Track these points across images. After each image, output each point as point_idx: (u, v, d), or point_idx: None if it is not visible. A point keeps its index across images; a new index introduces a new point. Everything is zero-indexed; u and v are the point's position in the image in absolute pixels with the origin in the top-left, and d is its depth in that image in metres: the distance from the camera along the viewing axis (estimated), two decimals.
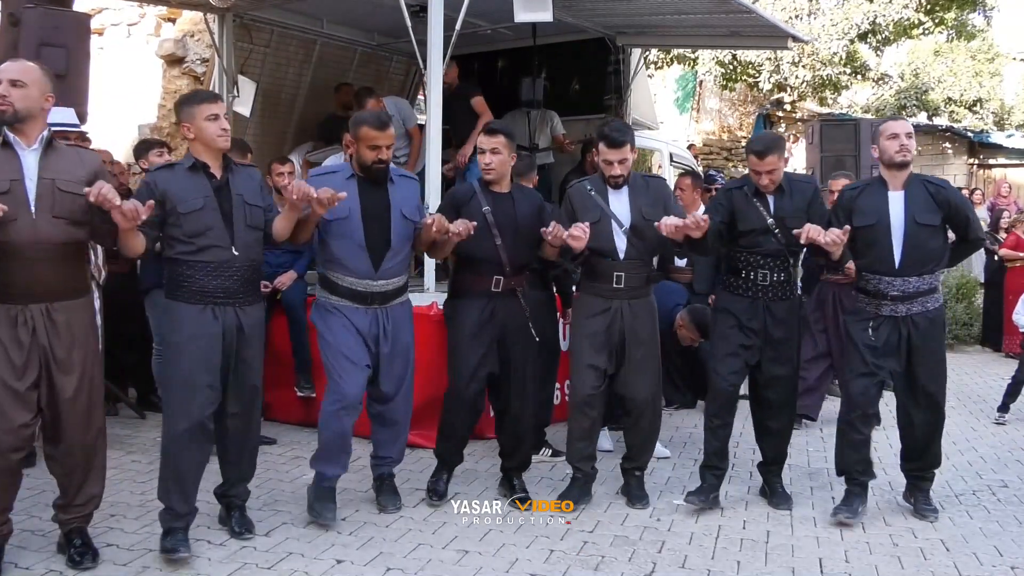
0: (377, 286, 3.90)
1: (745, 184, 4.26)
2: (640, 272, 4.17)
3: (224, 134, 3.52)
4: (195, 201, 3.43)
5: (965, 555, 3.81)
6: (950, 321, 9.91)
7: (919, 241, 3.98)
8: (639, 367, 4.17)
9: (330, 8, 7.49)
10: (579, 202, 4.18)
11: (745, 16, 6.97)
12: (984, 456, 5.50)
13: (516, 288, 4.20)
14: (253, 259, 3.60)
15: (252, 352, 3.63)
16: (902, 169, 4.06)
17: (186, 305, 3.46)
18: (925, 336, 4.09)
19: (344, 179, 3.90)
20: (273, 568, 3.46)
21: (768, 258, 4.15)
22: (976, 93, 17.47)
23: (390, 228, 3.92)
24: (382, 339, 3.94)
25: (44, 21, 5.31)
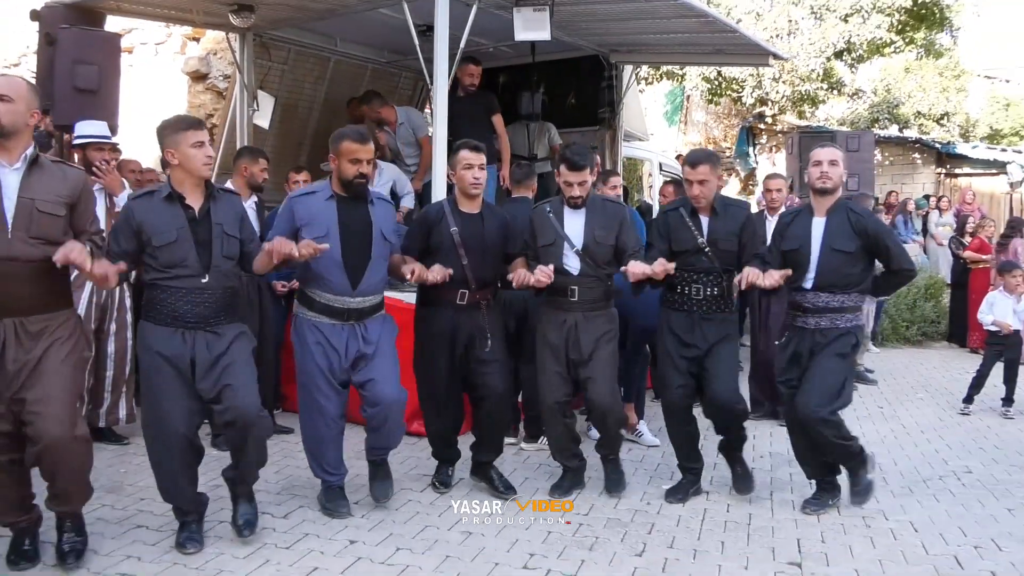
0: (354, 303, 3.76)
1: (681, 206, 4.22)
2: (595, 287, 4.11)
3: (209, 161, 3.35)
4: (168, 234, 3.24)
5: (932, 536, 3.82)
6: (919, 319, 9.93)
7: (833, 266, 3.92)
8: (596, 373, 4.09)
9: (343, 28, 7.50)
10: (538, 224, 4.15)
11: (729, 35, 6.98)
12: (950, 444, 5.51)
13: (481, 301, 4.08)
14: (228, 286, 3.40)
15: (235, 371, 3.35)
16: (823, 195, 3.99)
17: (157, 327, 3.29)
18: (827, 348, 3.94)
19: (324, 199, 3.76)
20: (291, 548, 3.48)
21: (701, 274, 4.10)
22: (943, 107, 17.47)
23: (371, 246, 3.77)
24: (362, 344, 3.78)
25: (78, 41, 5.33)
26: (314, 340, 3.75)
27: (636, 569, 3.37)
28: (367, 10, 6.43)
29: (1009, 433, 5.85)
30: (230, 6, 6.24)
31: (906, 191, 14.45)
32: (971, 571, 3.44)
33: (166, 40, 9.97)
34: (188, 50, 9.85)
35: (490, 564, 3.37)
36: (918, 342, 9.90)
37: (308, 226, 3.68)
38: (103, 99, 5.33)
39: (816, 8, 15.08)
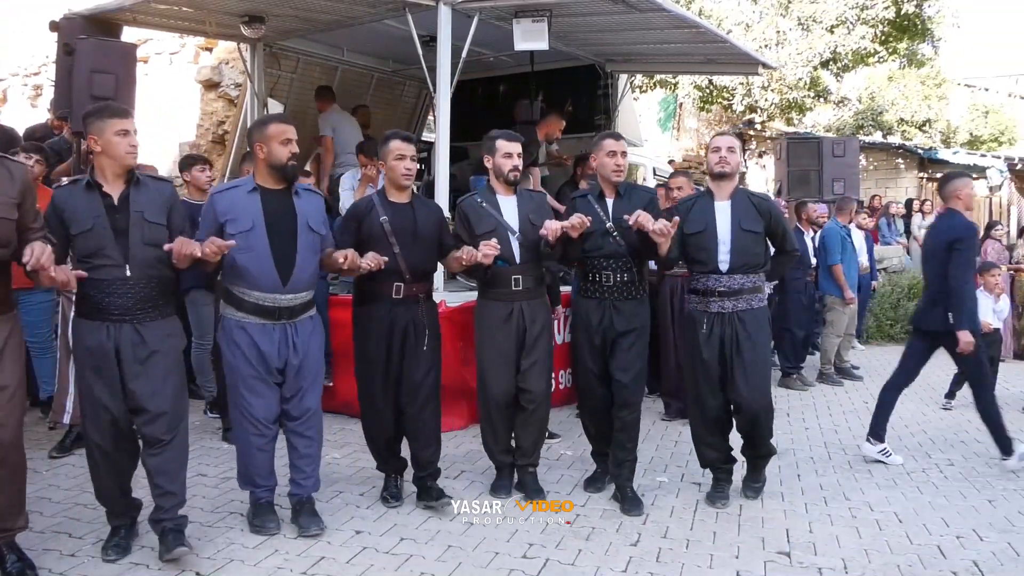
0: (285, 300, 3.41)
1: (589, 192, 4.10)
2: (533, 274, 4.00)
3: (132, 150, 3.11)
4: (85, 222, 3.03)
5: (916, 526, 3.80)
6: (903, 318, 9.91)
7: (744, 246, 3.87)
8: (537, 361, 3.97)
9: (350, 38, 7.49)
10: (472, 214, 3.98)
11: (720, 46, 6.97)
12: (933, 438, 5.49)
13: (419, 294, 3.82)
14: (153, 276, 3.13)
15: (159, 363, 3.13)
16: (722, 179, 3.94)
17: (86, 321, 3.10)
18: (750, 331, 3.88)
19: (246, 192, 3.44)
20: (299, 539, 3.45)
21: (611, 259, 3.94)
22: (925, 114, 17.46)
23: (296, 239, 3.44)
24: (291, 354, 3.45)
25: (95, 51, 5.32)
26: (244, 343, 3.40)
27: (631, 558, 3.35)
28: (373, 21, 6.42)
29: None
30: (242, 17, 6.23)
31: (889, 195, 14.44)
32: (954, 560, 3.42)
33: (180, 50, 9.96)
34: (201, 60, 9.84)
35: (490, 554, 3.35)
36: (902, 340, 9.84)
37: (232, 220, 3.35)
38: None
39: (803, 19, 15.07)
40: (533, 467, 4.11)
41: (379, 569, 3.19)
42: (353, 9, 6.20)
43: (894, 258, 11.49)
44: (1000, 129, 20.36)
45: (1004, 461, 4.72)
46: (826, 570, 3.30)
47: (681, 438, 5.17)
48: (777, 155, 8.83)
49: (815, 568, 3.32)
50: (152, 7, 5.90)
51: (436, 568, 3.21)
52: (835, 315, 7.42)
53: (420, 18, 5.62)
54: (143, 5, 5.77)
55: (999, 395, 6.32)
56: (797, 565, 3.34)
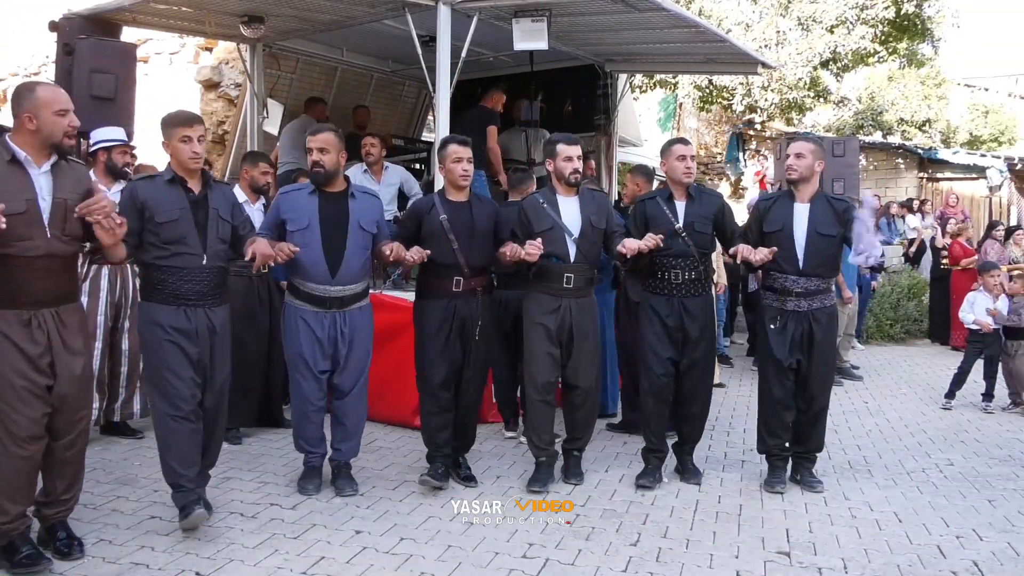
0: (334, 291, 3.84)
1: (657, 195, 4.30)
2: (585, 274, 4.12)
3: (196, 157, 3.42)
4: (172, 212, 3.35)
5: (916, 526, 3.80)
6: (903, 317, 9.92)
7: (817, 248, 4.09)
8: (585, 358, 4.12)
9: (349, 39, 7.49)
10: (532, 213, 4.10)
11: (720, 45, 6.97)
12: (932, 438, 5.49)
13: (476, 288, 4.11)
14: (221, 266, 3.51)
15: (222, 350, 3.52)
16: (795, 184, 4.16)
17: (161, 306, 3.36)
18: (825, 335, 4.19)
19: (308, 194, 3.89)
20: (299, 538, 3.46)
21: (679, 259, 4.14)
22: (925, 114, 17.46)
23: (347, 237, 3.85)
24: (339, 342, 3.89)
25: (95, 50, 5.32)
26: (299, 326, 3.86)
27: (631, 558, 3.35)
28: (372, 21, 6.42)
29: (989, 427, 5.83)
30: (241, 18, 6.23)
31: (889, 195, 14.44)
32: (953, 560, 3.43)
33: (180, 50, 9.96)
34: (201, 60, 9.84)
35: (491, 554, 3.35)
36: (901, 339, 9.89)
37: (292, 219, 3.82)
38: (119, 107, 5.31)
39: (803, 19, 15.06)
40: (579, 451, 4.30)
41: (379, 569, 3.19)
42: (352, 9, 6.20)
43: (894, 258, 11.49)
44: (1000, 129, 20.36)
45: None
46: (826, 570, 3.30)
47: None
48: (777, 155, 8.83)
49: (815, 568, 3.32)
50: (152, 7, 5.90)
51: (436, 568, 3.21)
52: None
53: (419, 18, 5.62)
54: (143, 5, 5.78)
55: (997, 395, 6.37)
56: (797, 565, 3.35)
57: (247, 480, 4.15)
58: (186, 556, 3.23)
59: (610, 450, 4.45)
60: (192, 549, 3.30)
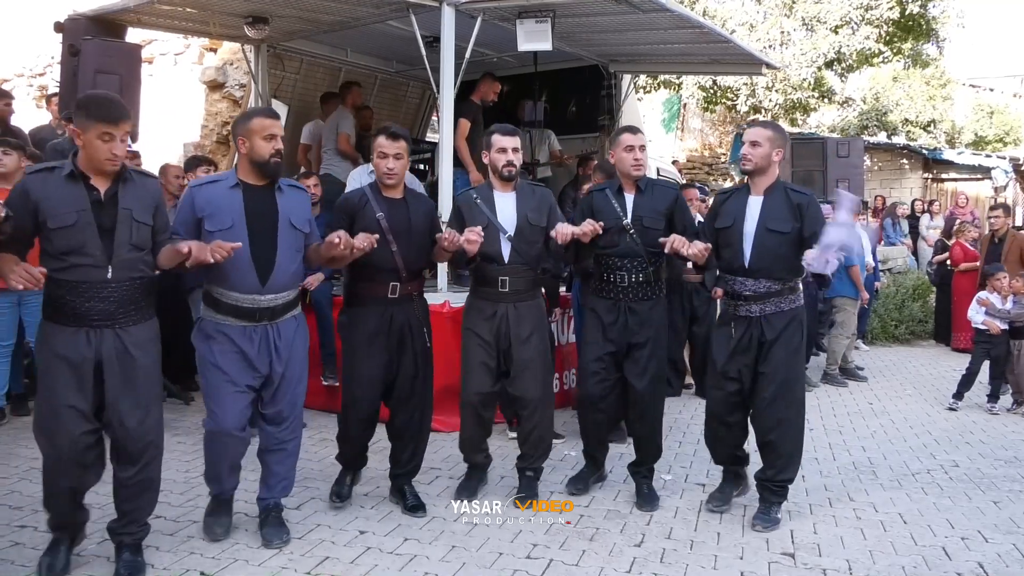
0: (265, 301, 3.23)
1: (607, 186, 3.99)
2: (525, 276, 3.85)
3: (114, 160, 2.86)
4: (67, 215, 2.79)
5: (921, 527, 3.79)
6: (907, 318, 9.89)
7: (767, 246, 3.68)
8: (528, 367, 3.83)
9: (353, 39, 7.49)
10: (466, 210, 3.87)
11: (724, 46, 6.96)
12: (937, 439, 5.47)
13: (412, 293, 3.73)
14: (135, 278, 2.93)
15: (142, 375, 2.95)
16: (751, 176, 3.78)
17: (57, 327, 2.85)
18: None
19: (228, 188, 3.26)
20: (304, 538, 3.46)
21: (626, 258, 3.83)
22: (930, 115, 17.44)
23: (277, 238, 3.27)
24: (275, 359, 3.29)
25: (100, 51, 5.34)
26: (221, 346, 3.23)
27: (635, 559, 3.35)
28: (376, 22, 6.42)
29: (994, 428, 5.81)
30: (245, 19, 6.24)
31: (894, 195, 14.42)
32: (959, 562, 3.42)
33: (184, 51, 10.00)
34: (205, 60, 9.87)
35: (495, 554, 3.35)
36: (906, 340, 9.86)
37: (211, 217, 3.19)
38: None
39: (807, 20, 15.05)
40: (532, 472, 4.01)
41: (383, 569, 3.19)
42: (356, 10, 6.21)
43: (899, 259, 11.47)
44: (1005, 129, 20.32)
45: None
46: (830, 571, 3.29)
47: (685, 438, 5.17)
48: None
49: (819, 569, 3.31)
50: (156, 8, 5.91)
51: (440, 568, 3.21)
52: (846, 316, 7.41)
53: (423, 19, 5.62)
54: (147, 6, 5.78)
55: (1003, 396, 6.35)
56: (801, 566, 3.34)
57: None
58: (191, 556, 3.23)
59: (613, 451, 4.44)
60: (197, 549, 3.31)
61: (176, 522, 3.56)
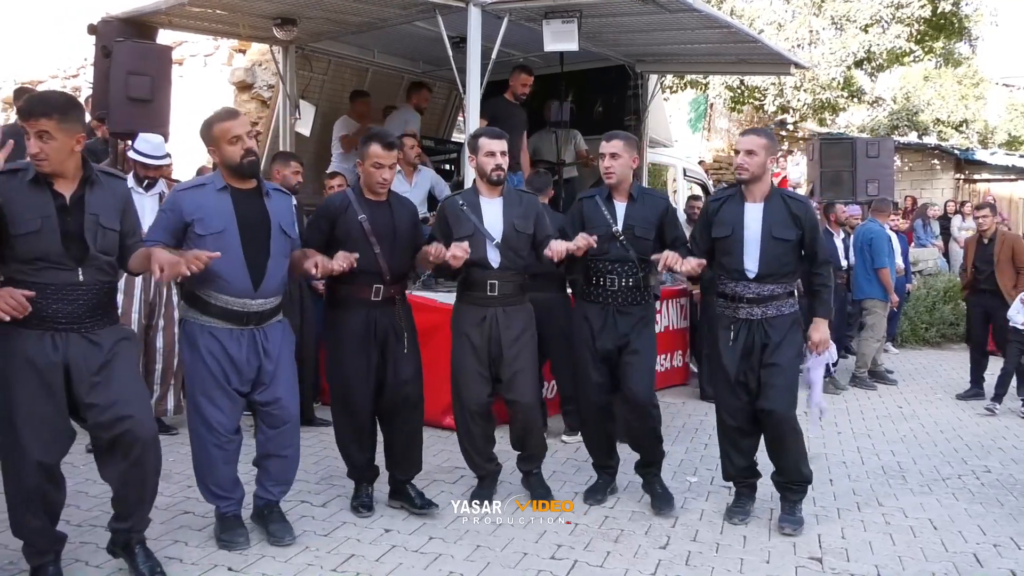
0: (255, 305, 3.22)
1: (597, 193, 3.96)
2: (513, 281, 3.82)
3: (36, 158, 2.71)
4: (31, 222, 2.69)
5: (951, 533, 3.74)
6: (938, 321, 9.75)
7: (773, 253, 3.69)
8: (519, 370, 3.79)
9: (381, 40, 7.53)
10: (451, 217, 3.82)
11: (752, 46, 6.91)
12: (969, 443, 5.39)
13: (395, 296, 3.70)
14: (104, 281, 2.86)
15: (116, 366, 2.85)
16: (746, 184, 3.74)
17: (19, 330, 2.69)
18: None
19: (216, 191, 3.22)
20: (329, 536, 3.49)
21: (616, 264, 3.81)
22: (962, 115, 17.17)
23: (269, 242, 3.25)
24: (264, 360, 3.28)
25: (132, 53, 5.41)
26: (208, 348, 3.19)
27: (660, 561, 3.33)
28: (403, 23, 6.46)
29: None
30: (274, 20, 6.29)
31: (925, 196, 14.23)
32: (991, 569, 3.36)
33: (214, 52, 10.11)
34: (235, 61, 9.98)
35: (519, 554, 3.35)
36: (937, 343, 9.72)
37: (201, 221, 3.15)
38: (155, 108, 5.40)
39: (837, 18, 14.90)
40: (536, 469, 4.02)
41: (408, 567, 3.20)
42: (384, 11, 6.24)
43: (929, 260, 11.31)
44: None
45: None
46: None
47: (711, 440, 5.13)
48: (810, 156, 8.75)
49: (847, 574, 3.27)
50: (187, 10, 5.98)
51: (465, 568, 3.22)
52: (875, 319, 7.32)
53: (450, 19, 5.64)
54: (178, 8, 5.86)
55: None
56: (829, 571, 3.30)
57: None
58: (218, 552, 3.27)
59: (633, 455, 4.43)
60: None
61: (204, 517, 3.60)
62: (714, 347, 3.89)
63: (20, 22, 16.38)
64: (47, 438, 2.75)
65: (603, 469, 4.11)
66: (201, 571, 3.11)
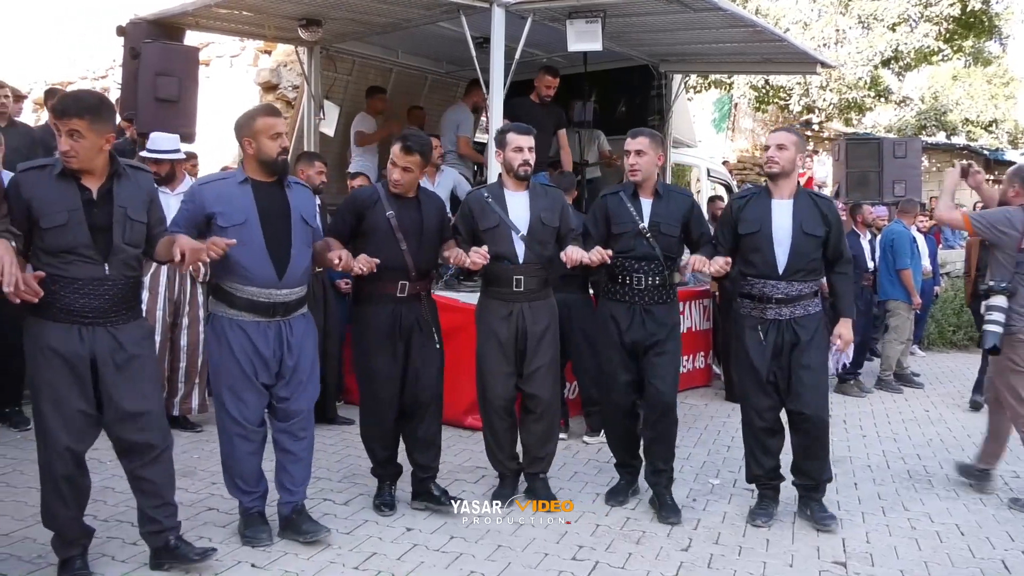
0: (281, 295, 3.24)
1: (621, 190, 3.94)
2: (538, 275, 3.82)
3: (66, 156, 2.77)
4: (59, 215, 2.75)
5: (979, 539, 3.69)
6: (965, 324, 9.61)
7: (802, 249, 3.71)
8: (542, 366, 3.82)
9: (404, 41, 7.56)
10: (476, 210, 3.82)
11: (778, 44, 6.85)
12: None
13: (421, 292, 3.72)
14: (129, 276, 2.92)
15: (139, 373, 2.92)
16: (775, 179, 3.79)
17: (47, 323, 2.78)
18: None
19: (237, 183, 3.26)
20: (352, 533, 3.51)
21: (642, 262, 3.80)
22: (992, 114, 16.95)
23: (291, 232, 3.28)
24: (286, 354, 3.30)
25: (160, 54, 5.48)
26: (236, 342, 3.22)
27: (682, 564, 3.32)
28: (427, 24, 6.47)
29: None
30: (299, 21, 6.34)
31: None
32: (1019, 575, 3.31)
33: (240, 53, 10.20)
34: (260, 62, 10.06)
35: (540, 555, 3.35)
36: (964, 346, 9.58)
37: (223, 213, 3.18)
38: (182, 108, 5.47)
39: (864, 17, 14.76)
40: (543, 474, 3.97)
41: (429, 566, 3.21)
42: (408, 12, 6.26)
43: (957, 262, 11.14)
44: None
45: None
46: None
47: (734, 442, 5.10)
48: (836, 156, 8.65)
49: None
50: (214, 11, 6.04)
51: (486, 567, 3.22)
52: (899, 321, 7.24)
53: (474, 20, 5.65)
54: (205, 9, 5.92)
55: None
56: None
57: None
58: (241, 548, 3.30)
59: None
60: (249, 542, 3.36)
61: (228, 514, 3.63)
62: (740, 348, 3.88)
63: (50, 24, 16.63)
64: (77, 426, 2.83)
65: (625, 469, 4.10)
66: (225, 568, 3.13)
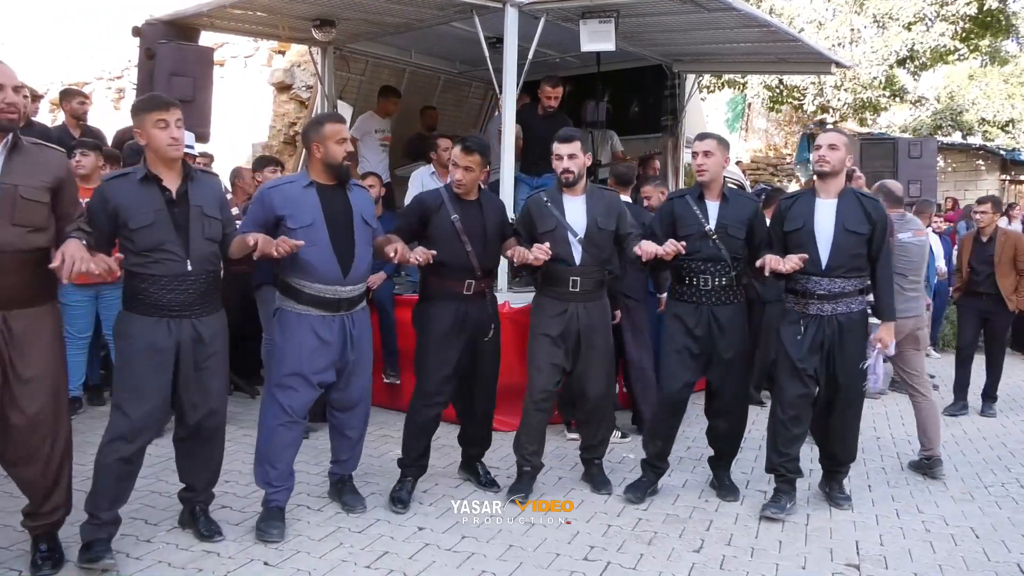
0: (345, 291, 3.46)
1: (687, 193, 4.05)
2: (594, 277, 3.92)
3: (174, 143, 3.04)
4: (145, 216, 2.99)
5: (994, 543, 3.65)
6: None
7: (845, 247, 3.81)
8: (594, 365, 3.94)
9: (417, 41, 7.58)
10: (536, 213, 3.94)
11: (792, 44, 6.83)
12: (1013, 451, 5.26)
13: (485, 290, 3.92)
14: (210, 271, 3.16)
15: (215, 362, 3.20)
16: (823, 178, 3.87)
17: (140, 317, 3.04)
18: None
19: (302, 187, 3.46)
20: (364, 532, 3.52)
21: (709, 263, 3.89)
22: (1009, 114, 16.76)
23: (353, 233, 3.51)
24: (348, 348, 3.52)
25: (175, 55, 5.52)
26: (301, 333, 3.43)
27: (694, 565, 3.31)
28: (440, 24, 6.49)
29: None
30: (313, 22, 6.37)
31: (969, 198, 13.90)
32: None
33: (254, 54, 10.26)
34: (274, 63, 10.11)
35: (552, 555, 3.35)
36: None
37: (291, 216, 3.38)
38: (197, 108, 5.51)
39: (879, 16, 14.66)
40: (598, 459, 4.22)
41: (441, 565, 3.22)
42: (421, 12, 6.28)
43: None
44: None
45: None
46: None
47: (746, 444, 5.07)
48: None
49: None
50: (228, 12, 6.08)
51: (497, 567, 3.23)
52: None
53: (487, 20, 5.65)
54: (220, 10, 5.95)
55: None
56: None
57: (313, 474, 4.24)
58: (255, 546, 3.32)
59: (672, 455, 4.40)
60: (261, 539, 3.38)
61: (242, 512, 3.65)
62: (776, 339, 3.98)
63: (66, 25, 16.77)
64: (155, 415, 3.09)
65: (653, 468, 4.16)
66: (237, 565, 3.15)
